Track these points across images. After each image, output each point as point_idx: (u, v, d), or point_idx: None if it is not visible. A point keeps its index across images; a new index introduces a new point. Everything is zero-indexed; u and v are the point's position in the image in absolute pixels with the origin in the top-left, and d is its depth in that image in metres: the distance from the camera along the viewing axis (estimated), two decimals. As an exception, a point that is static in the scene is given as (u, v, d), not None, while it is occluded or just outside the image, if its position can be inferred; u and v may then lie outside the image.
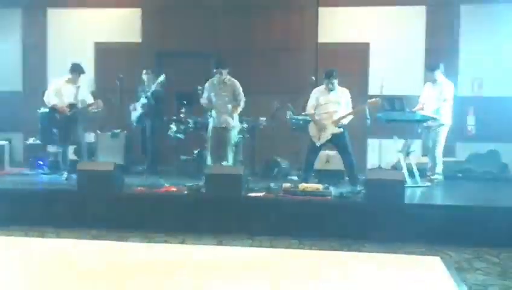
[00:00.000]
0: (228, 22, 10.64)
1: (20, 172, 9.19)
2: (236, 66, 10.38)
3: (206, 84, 8.03)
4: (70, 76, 8.06)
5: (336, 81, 7.57)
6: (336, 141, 7.53)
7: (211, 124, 8.00)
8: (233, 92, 7.92)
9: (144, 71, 9.18)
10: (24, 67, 11.25)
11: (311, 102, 7.72)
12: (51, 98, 8.02)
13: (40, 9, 11.17)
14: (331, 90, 7.57)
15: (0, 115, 10.85)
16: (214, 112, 7.96)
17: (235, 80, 8.01)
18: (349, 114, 7.53)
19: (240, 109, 7.99)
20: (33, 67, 11.07)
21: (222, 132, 7.92)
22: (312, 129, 7.63)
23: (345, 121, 7.54)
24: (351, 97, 7.72)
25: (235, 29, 10.60)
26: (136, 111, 8.94)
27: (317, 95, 7.69)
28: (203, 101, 8.02)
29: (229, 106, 7.91)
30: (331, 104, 7.55)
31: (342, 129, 7.47)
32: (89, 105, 8.06)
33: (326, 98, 7.59)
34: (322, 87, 7.71)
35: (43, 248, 5.78)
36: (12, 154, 10.40)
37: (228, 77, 7.97)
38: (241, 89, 7.96)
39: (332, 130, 7.45)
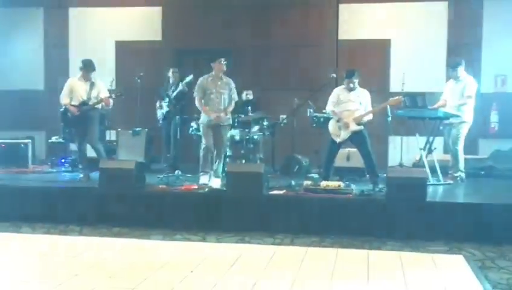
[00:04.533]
0: (248, 19, 10.65)
1: (42, 170, 9.30)
2: (256, 63, 10.43)
3: (200, 82, 7.70)
4: (81, 73, 8.01)
5: (356, 81, 7.50)
6: (355, 139, 7.47)
7: (205, 122, 7.69)
8: (229, 90, 7.73)
9: (171, 70, 9.15)
10: (46, 66, 11.38)
11: (331, 99, 7.65)
12: (62, 97, 8.01)
13: (62, 8, 11.28)
14: (352, 90, 7.51)
15: (23, 113, 11.00)
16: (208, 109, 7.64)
17: (229, 78, 7.83)
18: (370, 112, 7.47)
19: (232, 108, 7.79)
20: (55, 66, 11.17)
21: (218, 129, 7.69)
22: (332, 126, 7.57)
23: (365, 119, 7.49)
24: (372, 94, 7.65)
25: (255, 27, 10.61)
26: (162, 109, 8.92)
27: (337, 93, 7.63)
28: (199, 99, 7.66)
29: (226, 103, 7.71)
30: (352, 103, 7.47)
31: (362, 127, 7.42)
32: (97, 102, 7.91)
33: (346, 97, 7.52)
34: (342, 87, 7.65)
35: (65, 245, 5.83)
36: (35, 152, 10.52)
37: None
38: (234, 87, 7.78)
39: (353, 127, 7.39)
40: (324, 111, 8.48)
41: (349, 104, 7.49)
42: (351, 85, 7.49)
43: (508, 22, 9.85)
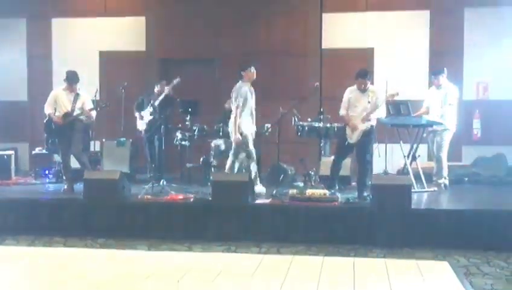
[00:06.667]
0: (232, 29, 10.68)
1: (26, 182, 9.21)
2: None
3: (244, 90, 7.77)
4: (66, 85, 7.98)
5: (368, 82, 7.41)
6: (359, 143, 7.35)
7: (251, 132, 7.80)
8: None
9: (161, 82, 9.10)
10: (29, 77, 11.31)
11: (343, 103, 7.55)
12: (46, 107, 7.98)
13: (45, 19, 11.22)
14: (363, 92, 7.41)
15: (6, 125, 10.92)
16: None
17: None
18: (373, 109, 7.34)
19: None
20: (38, 77, 11.11)
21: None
22: (348, 128, 7.46)
23: (373, 116, 7.37)
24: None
25: (239, 36, 10.63)
26: (144, 119, 8.86)
27: (349, 95, 7.51)
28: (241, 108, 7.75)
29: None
30: (361, 108, 7.36)
31: (369, 124, 7.32)
32: (81, 113, 7.90)
33: (357, 100, 7.41)
34: (354, 87, 7.50)
35: (50, 257, 5.78)
36: (19, 164, 10.44)
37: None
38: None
39: (361, 127, 7.28)
40: (309, 120, 8.53)
41: (358, 109, 7.38)
42: (362, 86, 7.39)
43: (488, 30, 9.98)
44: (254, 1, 10.57)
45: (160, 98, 8.58)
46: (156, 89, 9.04)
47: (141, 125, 8.93)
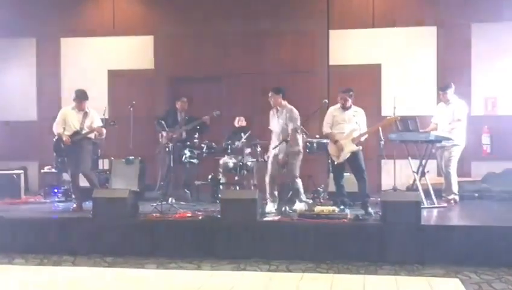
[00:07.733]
0: (239, 47, 10.73)
1: (35, 200, 9.23)
2: (249, 90, 10.50)
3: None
4: (75, 103, 8.04)
5: (350, 99, 7.46)
6: (351, 159, 7.42)
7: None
8: (285, 118, 7.73)
9: (184, 99, 9.19)
10: (39, 96, 11.38)
11: (326, 120, 7.60)
12: (56, 126, 8.03)
13: (54, 38, 11.32)
14: (346, 110, 7.47)
15: (15, 144, 10.98)
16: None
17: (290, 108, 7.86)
18: (366, 132, 7.42)
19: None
20: (48, 96, 11.18)
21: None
22: (331, 148, 7.54)
23: (362, 139, 7.41)
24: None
25: (246, 54, 10.67)
26: (172, 138, 8.78)
27: (333, 113, 7.57)
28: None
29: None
30: (347, 124, 7.41)
31: (360, 147, 7.36)
32: (90, 132, 7.94)
33: (341, 118, 7.46)
34: (338, 106, 7.58)
35: (58, 276, 5.77)
36: (28, 183, 10.47)
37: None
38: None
39: (350, 148, 7.33)
40: (317, 136, 8.52)
41: (345, 126, 7.42)
42: (343, 102, 7.43)
43: (495, 45, 9.96)
44: (262, 20, 10.62)
45: (195, 123, 8.74)
46: (178, 106, 9.07)
47: (166, 140, 8.87)
